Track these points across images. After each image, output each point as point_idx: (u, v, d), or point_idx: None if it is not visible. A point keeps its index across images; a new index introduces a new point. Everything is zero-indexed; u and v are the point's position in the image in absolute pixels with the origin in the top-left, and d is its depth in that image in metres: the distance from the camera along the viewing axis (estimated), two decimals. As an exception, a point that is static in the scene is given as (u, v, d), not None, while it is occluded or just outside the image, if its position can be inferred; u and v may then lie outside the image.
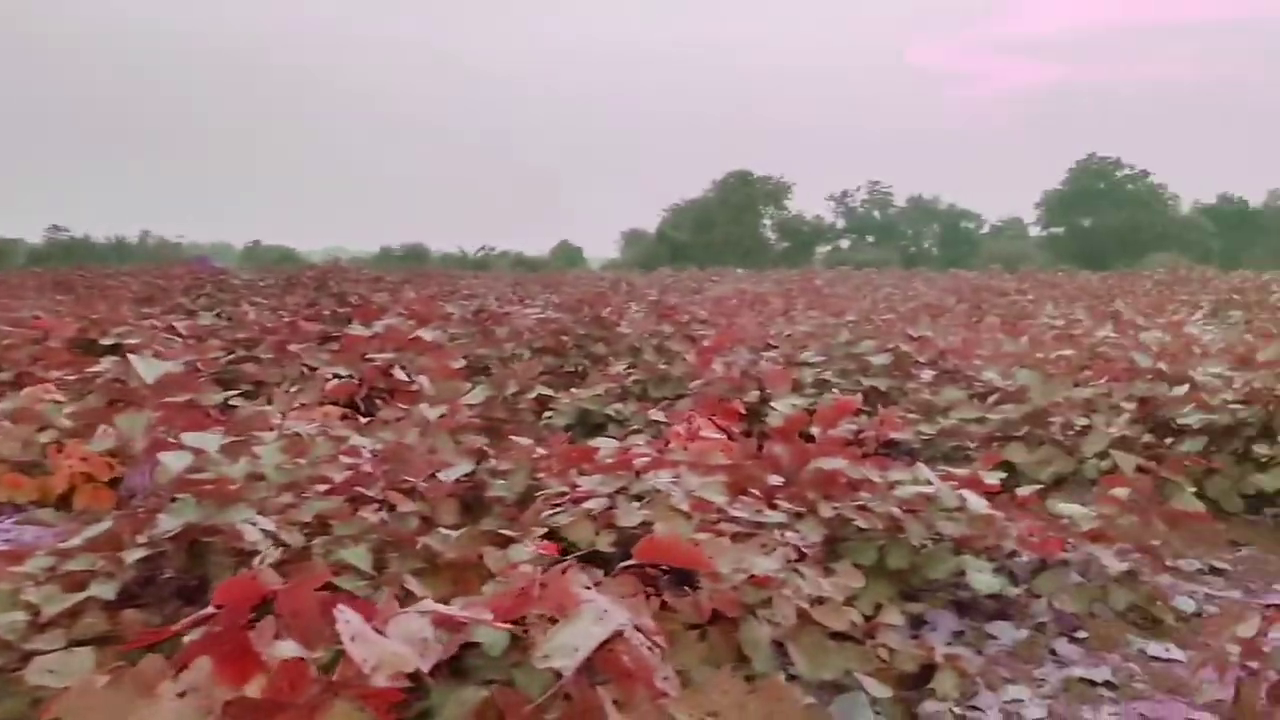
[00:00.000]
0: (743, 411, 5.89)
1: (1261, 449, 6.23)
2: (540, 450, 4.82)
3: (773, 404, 5.32)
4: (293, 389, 6.72)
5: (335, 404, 6.67)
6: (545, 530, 3.99)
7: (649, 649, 1.93)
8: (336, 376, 6.97)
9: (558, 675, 2.07)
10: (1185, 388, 6.92)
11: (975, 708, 3.66)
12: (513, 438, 5.09)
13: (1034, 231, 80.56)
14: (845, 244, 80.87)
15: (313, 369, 7.35)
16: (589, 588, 2.06)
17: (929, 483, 4.67)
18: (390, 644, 1.67)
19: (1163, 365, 7.18)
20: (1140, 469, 5.36)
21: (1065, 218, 77.39)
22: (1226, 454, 6.49)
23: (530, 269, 54.26)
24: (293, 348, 8.03)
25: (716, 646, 3.38)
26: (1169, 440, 6.75)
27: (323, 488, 4.19)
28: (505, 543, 3.67)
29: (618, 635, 1.89)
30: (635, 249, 77.65)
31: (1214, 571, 5.40)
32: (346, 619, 1.64)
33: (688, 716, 1.83)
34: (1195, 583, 5.18)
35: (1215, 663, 3.59)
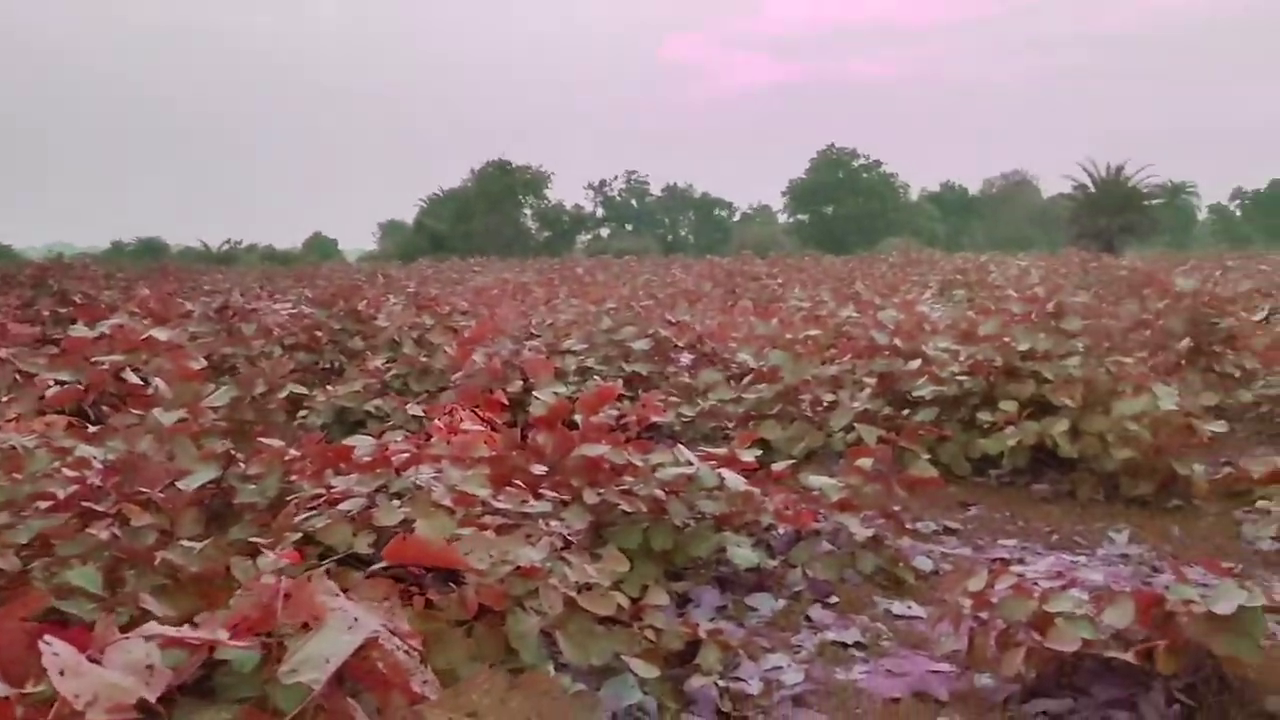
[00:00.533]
0: (505, 402, 5.83)
1: (984, 416, 6.78)
2: (293, 452, 4.57)
3: (536, 393, 5.29)
4: (4, 398, 6.08)
5: (61, 413, 6.09)
6: (300, 535, 3.79)
7: (405, 653, 1.85)
8: (59, 383, 6.36)
9: (311, 687, 1.95)
10: (918, 362, 7.44)
11: (738, 678, 3.78)
12: (262, 440, 4.80)
13: (782, 219, 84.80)
14: (605, 233, 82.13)
15: (29, 375, 6.67)
16: (338, 594, 1.95)
17: (689, 464, 4.78)
18: (108, 674, 1.50)
19: (898, 342, 7.68)
20: (881, 440, 5.71)
21: (809, 205, 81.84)
22: (955, 422, 7.03)
23: (281, 263, 51.66)
24: (2, 353, 7.27)
25: (483, 641, 3.32)
26: (906, 411, 7.24)
27: (45, 505, 3.80)
28: (255, 551, 3.45)
29: (371, 642, 1.80)
30: (393, 240, 75.79)
31: (948, 531, 5.83)
32: (55, 651, 1.46)
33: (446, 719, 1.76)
34: (932, 543, 5.58)
35: (950, 616, 3.87)
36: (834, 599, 4.62)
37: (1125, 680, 3.46)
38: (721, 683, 3.69)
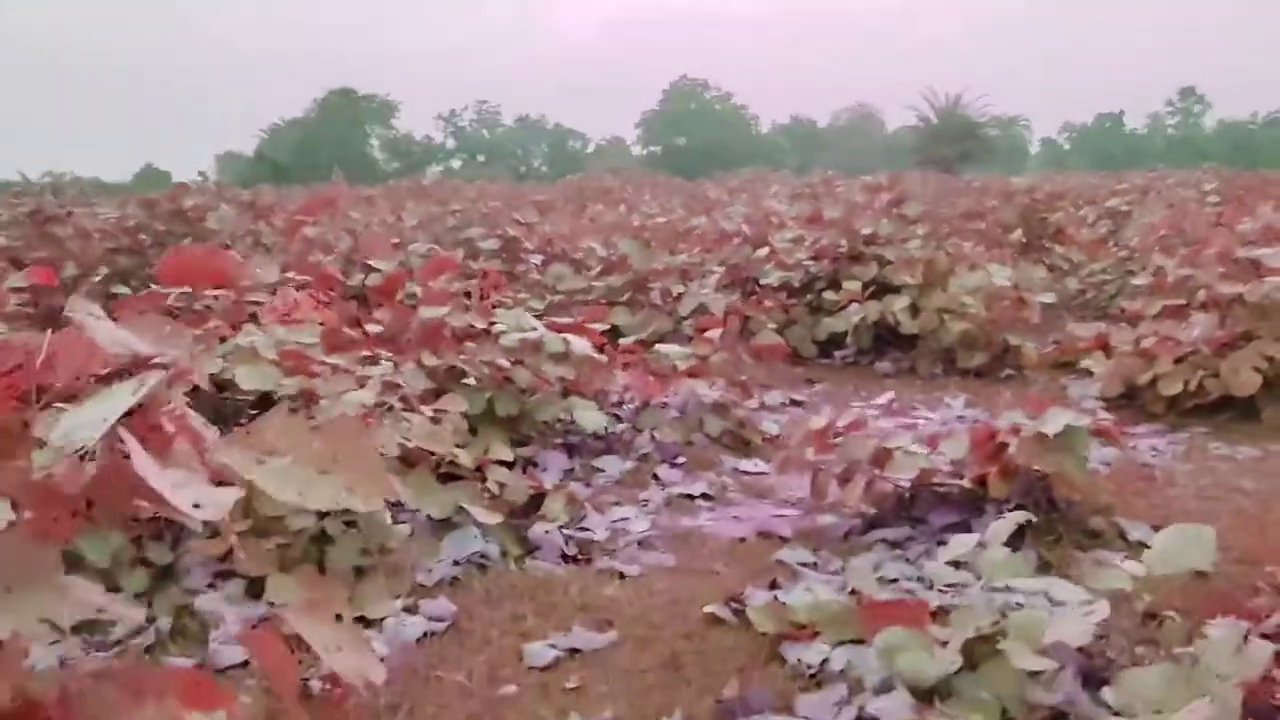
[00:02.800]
0: (341, 277, 5.55)
1: (830, 296, 6.87)
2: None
3: (372, 262, 5.04)
4: None
5: None
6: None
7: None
8: None
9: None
10: (766, 250, 7.47)
11: (584, 528, 3.71)
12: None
13: (636, 150, 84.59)
14: (457, 164, 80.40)
15: None
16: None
17: (534, 329, 4.65)
18: None
19: (746, 228, 7.69)
20: (729, 311, 5.69)
21: (662, 137, 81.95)
22: (802, 306, 7.11)
23: (110, 195, 48.48)
24: None
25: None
26: (754, 298, 7.27)
27: None
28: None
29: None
30: (231, 172, 72.24)
31: (794, 404, 5.90)
32: None
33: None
34: (778, 413, 5.63)
35: (795, 463, 3.90)
36: (681, 460, 4.60)
37: (960, 507, 3.55)
38: (567, 531, 3.62)
